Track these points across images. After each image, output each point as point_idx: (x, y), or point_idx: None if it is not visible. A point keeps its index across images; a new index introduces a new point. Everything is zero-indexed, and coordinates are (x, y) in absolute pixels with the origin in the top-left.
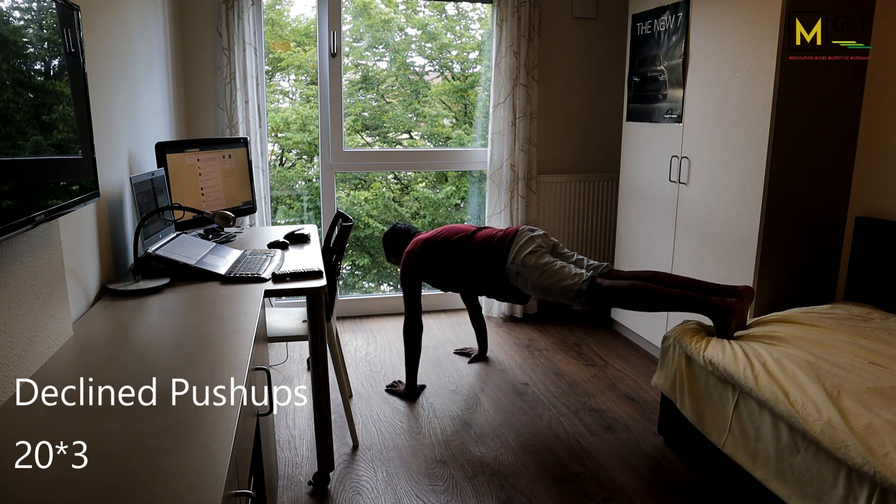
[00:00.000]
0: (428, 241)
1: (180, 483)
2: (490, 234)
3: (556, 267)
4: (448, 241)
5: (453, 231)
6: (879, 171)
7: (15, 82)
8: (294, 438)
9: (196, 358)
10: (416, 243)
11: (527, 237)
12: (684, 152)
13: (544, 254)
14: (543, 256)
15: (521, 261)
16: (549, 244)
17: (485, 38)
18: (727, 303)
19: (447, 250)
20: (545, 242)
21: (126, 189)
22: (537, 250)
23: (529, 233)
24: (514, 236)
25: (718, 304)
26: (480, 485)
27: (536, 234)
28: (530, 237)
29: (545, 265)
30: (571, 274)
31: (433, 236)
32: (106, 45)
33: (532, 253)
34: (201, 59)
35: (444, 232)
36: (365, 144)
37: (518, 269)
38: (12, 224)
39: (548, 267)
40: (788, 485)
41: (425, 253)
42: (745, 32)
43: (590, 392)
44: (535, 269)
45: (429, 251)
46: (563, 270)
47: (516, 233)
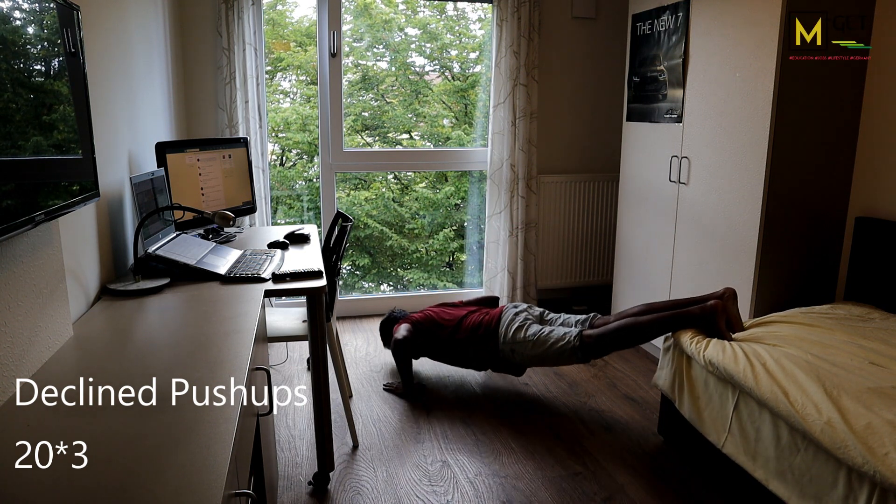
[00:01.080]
0: (415, 324)
1: (180, 483)
2: (475, 321)
3: (545, 333)
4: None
5: (438, 319)
6: (879, 171)
7: (15, 82)
8: (294, 438)
9: (196, 358)
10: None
11: (511, 315)
12: (684, 152)
13: (531, 325)
14: (530, 328)
15: (511, 338)
16: (535, 315)
17: (485, 38)
18: (707, 306)
19: (435, 339)
20: (530, 314)
21: (126, 189)
22: (523, 324)
23: (513, 310)
24: (499, 318)
25: (700, 312)
26: (480, 485)
27: (520, 310)
28: (515, 314)
29: (535, 335)
30: (561, 335)
31: (420, 320)
32: (106, 45)
33: (519, 328)
34: (201, 59)
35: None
36: (365, 144)
37: (511, 348)
38: (12, 224)
39: (538, 336)
40: (788, 485)
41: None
42: (745, 32)
43: (590, 392)
44: (526, 343)
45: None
46: (552, 335)
47: (500, 314)
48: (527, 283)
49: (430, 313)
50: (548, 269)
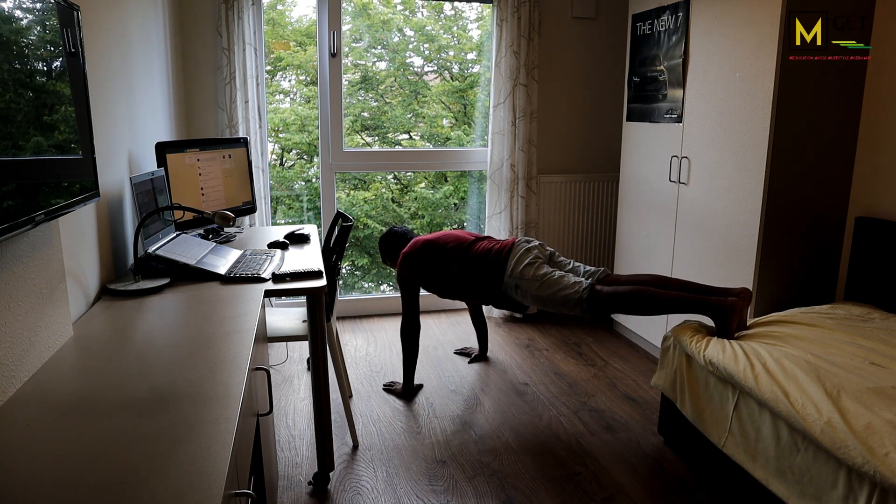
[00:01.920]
0: (426, 243)
1: (180, 483)
2: (487, 246)
3: (555, 277)
4: (445, 248)
5: (451, 238)
6: (879, 171)
7: (16, 82)
8: (294, 438)
9: (196, 358)
10: (415, 244)
11: (523, 249)
12: (684, 152)
13: (542, 264)
14: (541, 267)
15: (520, 273)
16: (546, 254)
17: (483, 38)
18: (728, 301)
19: (444, 257)
20: (542, 253)
21: (126, 189)
22: (534, 262)
23: (526, 244)
24: (510, 249)
25: (719, 304)
26: (480, 485)
27: (533, 246)
28: (527, 249)
29: (543, 276)
30: (571, 283)
31: (432, 239)
32: (106, 44)
33: (529, 265)
34: (201, 59)
35: (442, 238)
36: (364, 145)
37: (517, 282)
38: (12, 224)
39: (546, 278)
40: (788, 485)
41: (423, 255)
42: (745, 32)
43: (590, 392)
44: (533, 281)
45: (426, 254)
46: (561, 280)
47: (513, 245)
48: None
49: (440, 236)
50: None
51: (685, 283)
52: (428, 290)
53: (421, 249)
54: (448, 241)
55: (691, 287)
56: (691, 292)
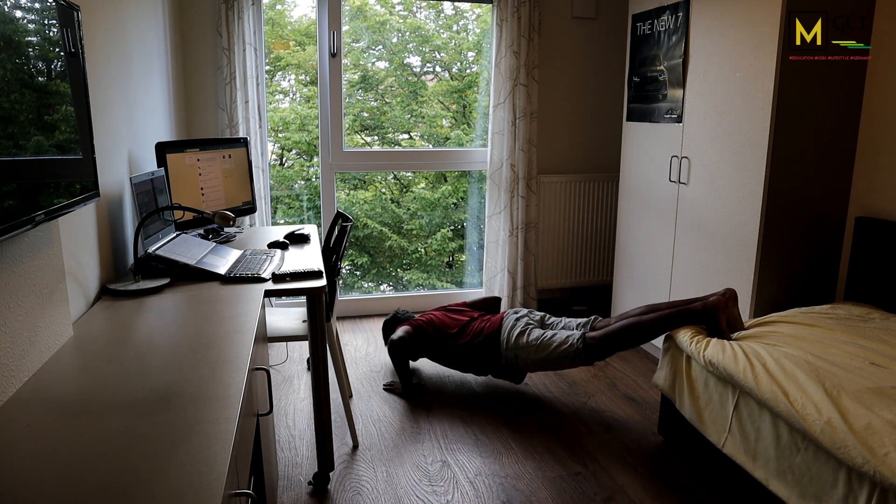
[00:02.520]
0: (418, 326)
1: (180, 483)
2: (477, 328)
3: (548, 337)
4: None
5: (439, 325)
6: (879, 171)
7: (17, 82)
8: (294, 438)
9: (196, 358)
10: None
11: (511, 321)
12: (684, 152)
13: (533, 329)
14: (532, 332)
15: (514, 344)
16: (536, 319)
17: (481, 38)
18: (709, 303)
19: (436, 345)
20: (531, 319)
21: (126, 189)
22: (525, 329)
23: (514, 315)
24: (500, 325)
25: (702, 307)
26: (480, 485)
27: (520, 315)
28: (515, 320)
29: (537, 339)
30: (564, 338)
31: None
32: (105, 44)
33: (521, 333)
34: (201, 59)
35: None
36: (364, 144)
37: (515, 353)
38: (12, 224)
39: (540, 341)
40: (788, 485)
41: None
42: (745, 32)
43: (590, 392)
44: (529, 348)
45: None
46: (554, 339)
47: (501, 320)
48: (527, 283)
49: (433, 317)
50: (548, 269)
51: (672, 303)
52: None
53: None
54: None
55: (676, 303)
56: (675, 307)
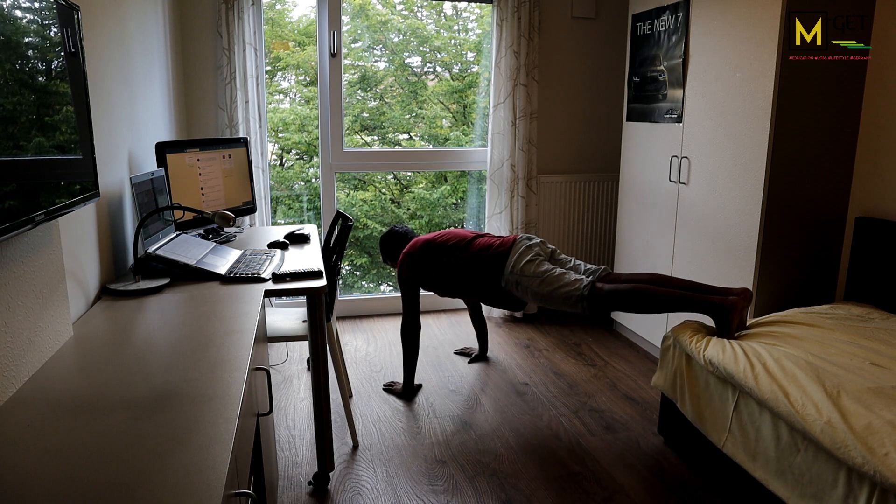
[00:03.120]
0: (426, 242)
1: (180, 483)
2: (488, 242)
3: (556, 274)
4: (445, 245)
5: (451, 236)
6: (879, 171)
7: (17, 83)
8: (294, 438)
9: (196, 358)
10: (415, 244)
11: (524, 246)
12: (684, 152)
13: (543, 261)
14: (542, 264)
15: (520, 270)
16: (547, 251)
17: (482, 38)
18: (729, 301)
19: (444, 254)
20: (543, 250)
21: (126, 189)
22: (535, 259)
23: (527, 241)
24: (511, 245)
25: (720, 302)
26: (480, 485)
27: (534, 243)
28: (528, 246)
29: (544, 273)
30: (571, 280)
31: (432, 238)
32: (106, 45)
33: (530, 262)
34: (201, 59)
35: (442, 235)
36: (364, 145)
37: (517, 279)
38: (12, 224)
39: (547, 275)
40: (788, 485)
41: (423, 255)
42: (745, 32)
43: (590, 392)
44: (534, 278)
45: (426, 253)
46: (562, 277)
47: (514, 242)
48: None
49: (441, 232)
50: None
51: (685, 283)
52: (428, 289)
53: (421, 249)
54: (448, 239)
55: (692, 286)
56: (692, 291)
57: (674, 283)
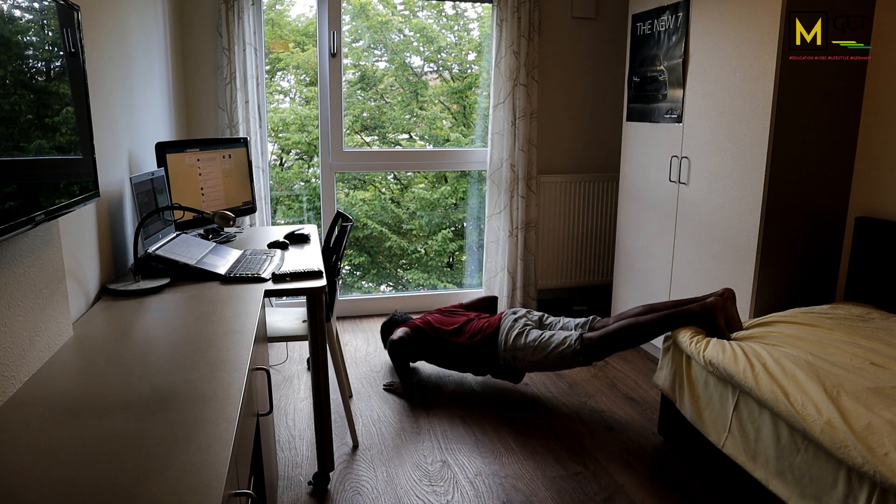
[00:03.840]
0: (415, 328)
1: (180, 483)
2: (475, 328)
3: (545, 338)
4: (437, 336)
5: (437, 325)
6: (879, 171)
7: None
8: (294, 438)
9: (196, 358)
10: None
11: (510, 322)
12: (684, 152)
13: (531, 330)
14: (530, 333)
15: (512, 346)
16: (534, 320)
17: (483, 38)
18: (707, 303)
19: (438, 343)
20: (529, 319)
21: (126, 189)
22: (523, 330)
23: (512, 316)
24: (498, 325)
25: (700, 308)
26: (480, 485)
27: (518, 316)
28: (514, 320)
29: (535, 341)
30: (561, 339)
31: (423, 326)
32: (106, 45)
33: (519, 334)
34: (201, 59)
35: (432, 324)
36: (364, 145)
37: (513, 354)
38: (12, 224)
39: (539, 342)
40: (788, 485)
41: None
42: (745, 32)
43: (590, 392)
44: (527, 349)
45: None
46: (552, 339)
47: (500, 321)
48: (526, 283)
49: (430, 319)
50: (547, 269)
51: (669, 303)
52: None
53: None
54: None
55: (675, 304)
56: (673, 308)
57: (657, 308)
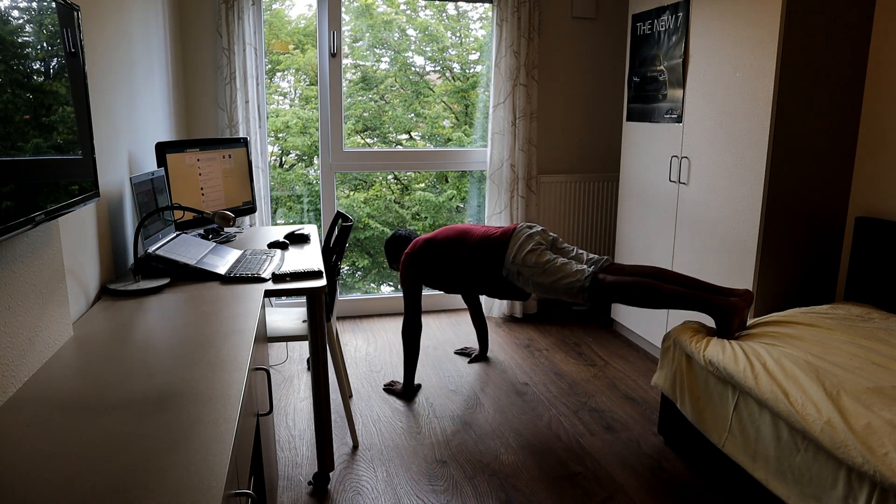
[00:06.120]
0: (426, 241)
1: (180, 483)
2: (487, 233)
3: (557, 264)
4: (446, 241)
5: (451, 232)
6: (879, 171)
7: (14, 83)
8: (294, 438)
9: (196, 358)
10: (415, 244)
11: (525, 235)
12: (684, 152)
13: (544, 251)
14: (543, 254)
15: (521, 260)
16: (549, 240)
17: (485, 38)
18: (730, 301)
19: (445, 251)
20: (544, 238)
21: (126, 189)
22: (536, 248)
23: (527, 230)
24: (511, 235)
25: (722, 304)
26: (480, 485)
27: (535, 231)
28: (528, 235)
29: (545, 263)
30: (573, 270)
31: (431, 237)
32: (106, 45)
33: (531, 251)
34: (201, 59)
35: (442, 233)
36: (364, 145)
37: (518, 269)
38: (12, 224)
39: (549, 265)
40: (788, 484)
41: (423, 253)
42: (745, 32)
43: (590, 392)
44: (535, 268)
45: (427, 251)
46: (564, 267)
47: (514, 231)
48: None
49: (440, 232)
50: None
51: (687, 279)
52: (430, 286)
53: (422, 248)
54: (448, 235)
55: (694, 284)
56: (695, 289)
57: (676, 279)
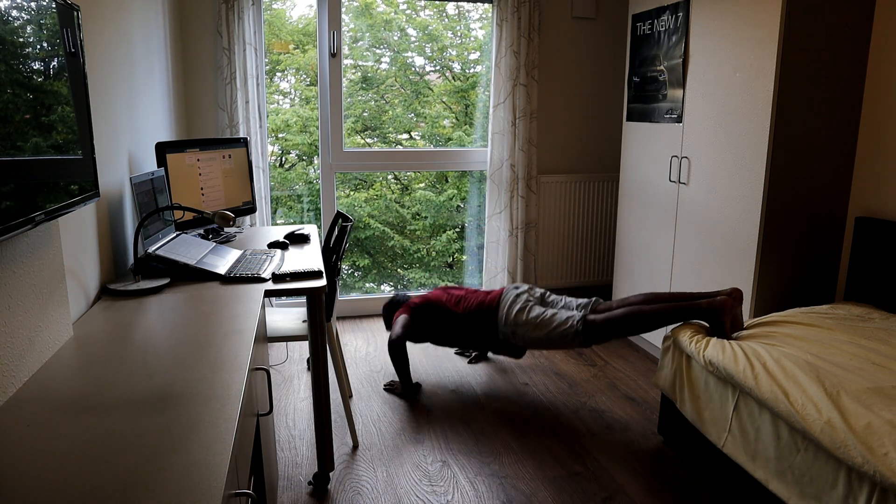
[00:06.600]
0: (424, 303)
1: (180, 483)
2: (476, 300)
3: (548, 316)
4: (439, 307)
5: (439, 299)
6: (879, 171)
7: (14, 83)
8: (294, 438)
9: (196, 358)
10: (412, 304)
11: (512, 297)
12: (684, 152)
13: (533, 307)
14: (533, 310)
15: (513, 320)
16: (536, 296)
17: (486, 38)
18: (717, 301)
19: (440, 315)
20: (531, 296)
21: (126, 189)
22: (525, 306)
23: (514, 291)
24: (499, 298)
25: (708, 305)
26: (480, 485)
27: (521, 291)
28: (516, 296)
29: (537, 318)
30: (564, 318)
31: (426, 301)
32: (106, 45)
33: (521, 310)
34: (201, 59)
35: (433, 297)
36: (364, 145)
37: (512, 330)
38: (12, 224)
39: (540, 319)
40: (788, 485)
41: (421, 314)
42: (745, 32)
43: (590, 392)
44: (528, 325)
45: (424, 312)
46: (554, 318)
47: (501, 295)
48: (527, 283)
49: (431, 296)
50: (548, 269)
51: (676, 294)
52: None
53: (418, 308)
54: (440, 300)
55: (681, 296)
56: (681, 301)
57: (664, 298)
